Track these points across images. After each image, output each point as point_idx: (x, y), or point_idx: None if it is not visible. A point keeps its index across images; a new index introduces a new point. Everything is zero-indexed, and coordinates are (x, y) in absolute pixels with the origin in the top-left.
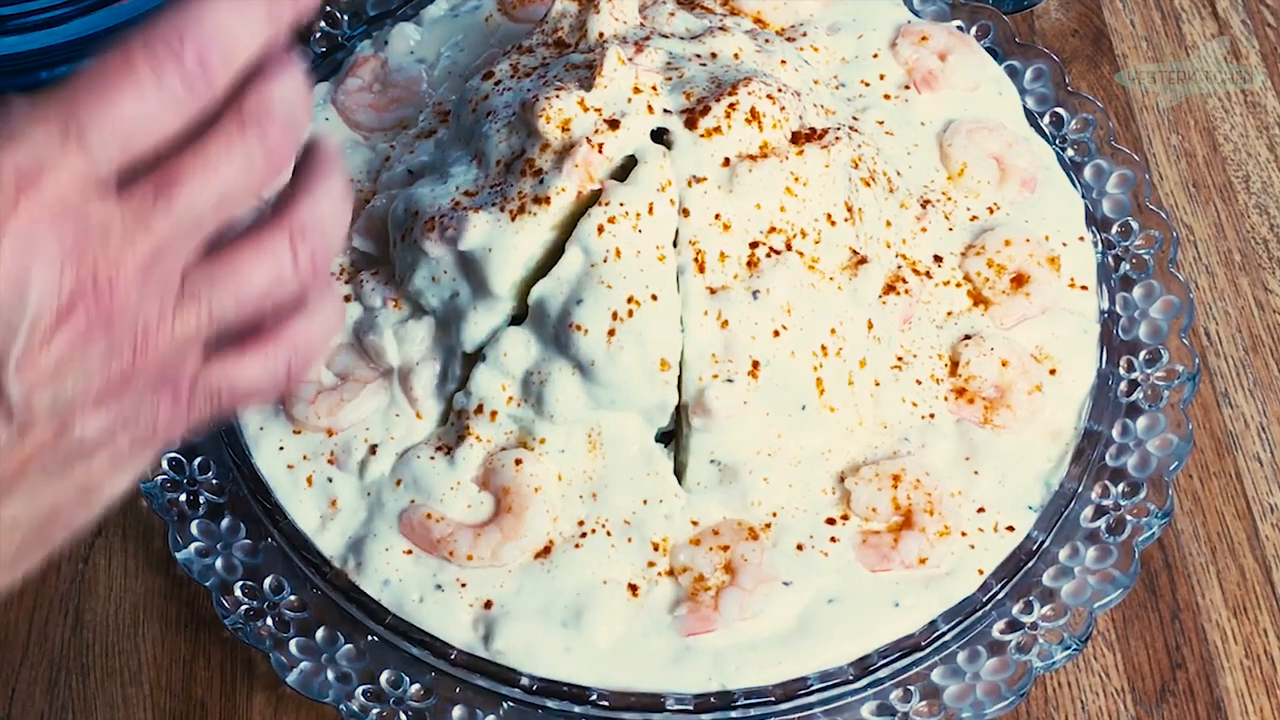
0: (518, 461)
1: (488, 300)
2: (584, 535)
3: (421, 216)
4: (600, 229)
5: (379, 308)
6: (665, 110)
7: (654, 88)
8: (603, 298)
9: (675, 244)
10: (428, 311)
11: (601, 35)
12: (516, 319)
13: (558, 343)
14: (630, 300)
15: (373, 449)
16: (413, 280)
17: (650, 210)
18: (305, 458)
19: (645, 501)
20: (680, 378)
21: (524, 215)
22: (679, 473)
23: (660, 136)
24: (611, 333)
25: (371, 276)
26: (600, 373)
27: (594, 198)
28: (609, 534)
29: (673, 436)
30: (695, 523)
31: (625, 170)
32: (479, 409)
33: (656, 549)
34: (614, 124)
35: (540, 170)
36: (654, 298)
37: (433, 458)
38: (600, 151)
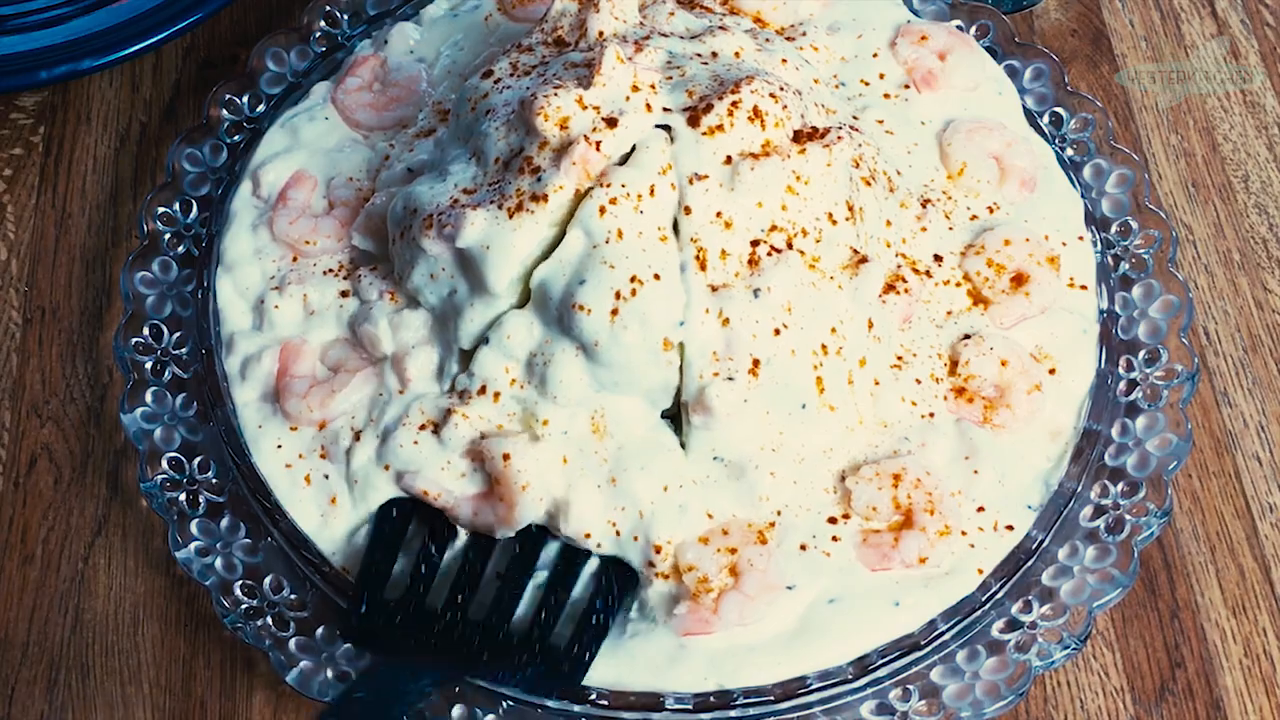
0: (505, 456)
1: (485, 297)
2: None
3: (420, 214)
4: (602, 210)
5: (375, 300)
6: (665, 109)
7: (653, 86)
8: (605, 278)
9: (678, 235)
10: (426, 309)
11: (601, 34)
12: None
13: (561, 324)
14: (633, 280)
15: (357, 435)
16: (411, 278)
17: (651, 192)
18: (301, 456)
19: (666, 488)
20: (681, 371)
21: (522, 213)
22: None
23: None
24: (615, 312)
25: (370, 272)
26: (604, 353)
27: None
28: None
29: (678, 432)
30: (711, 515)
31: (626, 158)
32: (482, 389)
33: (659, 551)
34: (612, 122)
35: (538, 168)
36: (656, 277)
37: (416, 442)
38: (598, 150)
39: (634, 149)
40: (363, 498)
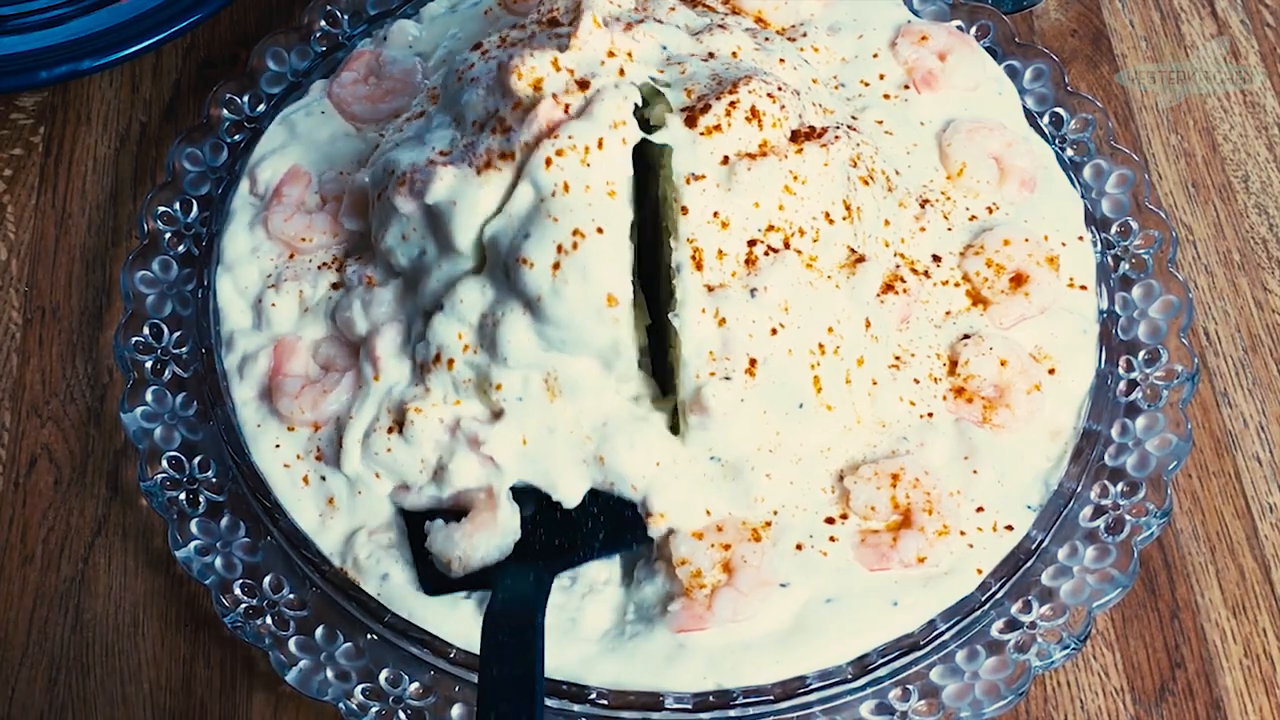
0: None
1: (452, 256)
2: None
3: (395, 174)
4: (548, 162)
5: (355, 286)
6: (652, 82)
7: (629, 54)
8: (549, 231)
9: (674, 237)
10: (397, 273)
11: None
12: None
13: (509, 280)
14: (575, 233)
15: (340, 440)
16: (385, 239)
17: (600, 145)
18: (299, 456)
19: (659, 464)
20: (677, 369)
21: (490, 169)
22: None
23: (648, 127)
24: (556, 266)
25: (355, 261)
26: (547, 308)
27: None
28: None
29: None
30: (709, 512)
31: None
32: (437, 358)
33: (650, 518)
34: (584, 85)
35: (510, 127)
36: (599, 231)
37: (390, 448)
38: (566, 111)
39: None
40: (363, 503)
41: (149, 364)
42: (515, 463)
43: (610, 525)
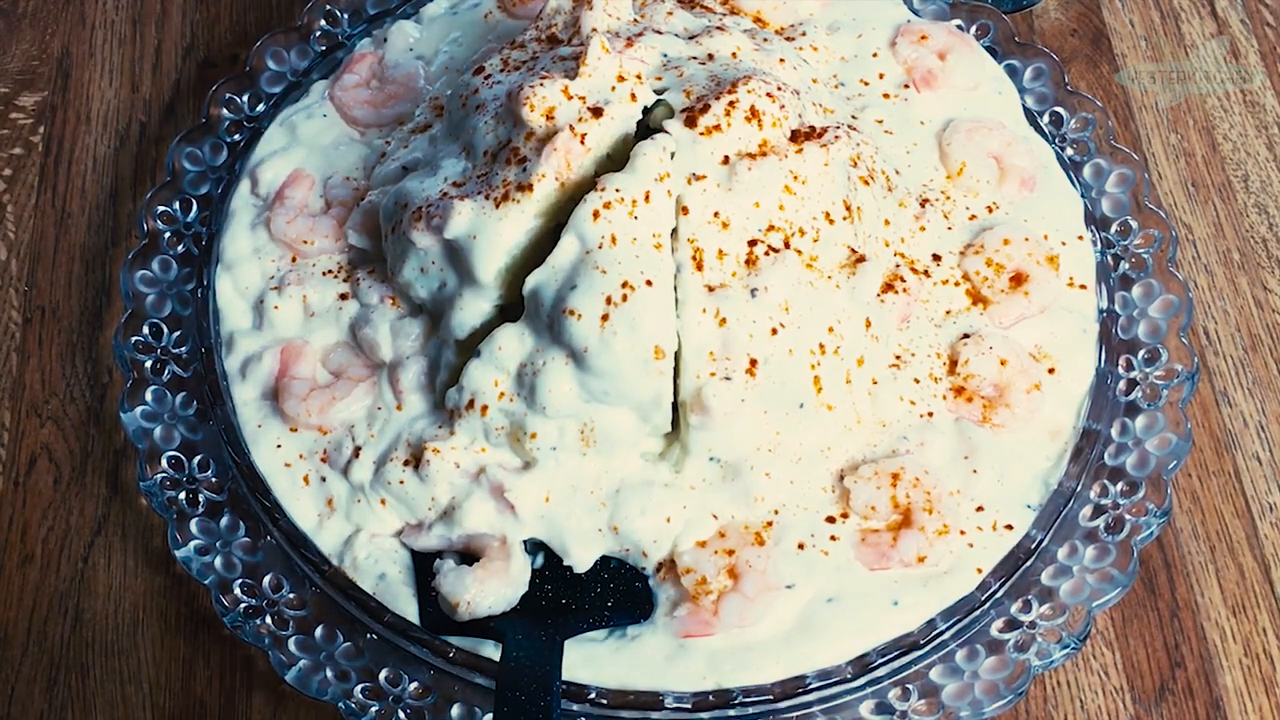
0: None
1: (474, 288)
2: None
3: (410, 208)
4: (595, 214)
5: (376, 304)
6: (656, 92)
7: (638, 76)
8: (597, 283)
9: (674, 240)
10: (418, 305)
11: (595, 31)
12: (507, 312)
13: (551, 331)
14: (625, 285)
15: (356, 451)
16: (402, 273)
17: (647, 198)
18: (301, 456)
19: (669, 519)
20: (677, 373)
21: (508, 202)
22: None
23: (646, 130)
24: (605, 317)
25: (368, 275)
26: (593, 359)
27: (581, 186)
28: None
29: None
30: (715, 516)
31: (625, 162)
32: (470, 404)
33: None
34: (597, 112)
35: (524, 158)
36: (649, 283)
37: (403, 481)
38: (583, 142)
39: (632, 156)
40: (361, 516)
41: (149, 364)
42: (533, 519)
43: (619, 595)
